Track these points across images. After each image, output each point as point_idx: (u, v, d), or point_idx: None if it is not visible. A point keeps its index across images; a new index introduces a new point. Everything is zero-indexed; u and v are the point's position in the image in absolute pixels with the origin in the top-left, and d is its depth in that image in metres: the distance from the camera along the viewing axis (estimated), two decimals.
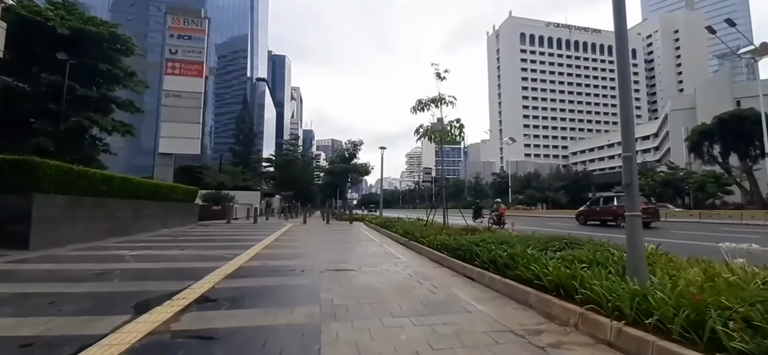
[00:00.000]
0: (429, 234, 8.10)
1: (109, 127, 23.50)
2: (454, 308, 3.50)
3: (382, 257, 7.01)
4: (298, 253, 7.62)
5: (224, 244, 9.09)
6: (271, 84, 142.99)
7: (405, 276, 5.13)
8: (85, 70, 23.95)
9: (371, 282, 4.67)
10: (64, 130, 22.21)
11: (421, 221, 13.81)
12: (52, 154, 18.01)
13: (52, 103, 22.95)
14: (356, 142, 30.65)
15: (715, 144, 38.99)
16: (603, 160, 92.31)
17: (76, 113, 22.89)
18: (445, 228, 9.34)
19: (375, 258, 6.92)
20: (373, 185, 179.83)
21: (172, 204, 15.16)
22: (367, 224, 18.00)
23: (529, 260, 4.05)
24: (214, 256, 6.85)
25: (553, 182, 67.17)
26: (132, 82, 26.01)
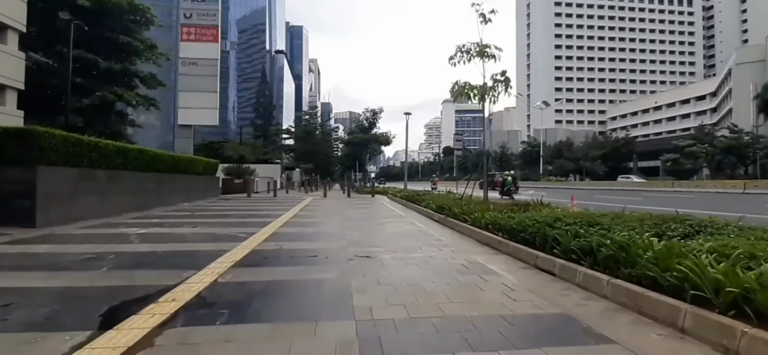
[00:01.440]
0: (471, 210, 6.99)
1: (134, 101, 23.33)
2: (573, 335, 2.33)
3: (419, 238, 5.99)
4: (319, 232, 6.73)
5: (240, 220, 8.35)
6: (289, 56, 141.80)
7: (458, 267, 4.08)
8: (106, 44, 23.63)
9: (417, 277, 3.65)
10: (90, 105, 22.22)
11: (452, 193, 12.71)
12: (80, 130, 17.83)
13: (78, 77, 22.95)
14: (376, 110, 29.29)
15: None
16: (647, 126, 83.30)
17: (101, 88, 22.79)
18: (486, 203, 8.19)
19: (410, 239, 5.91)
20: (391, 158, 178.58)
21: (193, 177, 14.69)
22: (391, 198, 17.05)
23: (666, 256, 2.81)
24: (226, 235, 6.06)
25: (588, 151, 62.30)
26: (153, 54, 25.56)
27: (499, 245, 5.04)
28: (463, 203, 8.30)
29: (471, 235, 6.17)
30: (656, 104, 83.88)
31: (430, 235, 6.37)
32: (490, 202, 8.58)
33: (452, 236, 6.32)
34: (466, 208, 7.48)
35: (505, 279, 3.61)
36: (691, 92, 77.94)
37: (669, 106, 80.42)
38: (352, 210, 11.22)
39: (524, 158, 64.09)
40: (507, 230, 5.09)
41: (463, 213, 7.14)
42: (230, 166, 23.96)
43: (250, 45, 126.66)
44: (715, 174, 39.80)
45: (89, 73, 23.09)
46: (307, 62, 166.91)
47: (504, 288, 3.32)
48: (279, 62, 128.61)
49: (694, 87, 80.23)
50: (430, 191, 13.00)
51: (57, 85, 22.06)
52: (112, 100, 22.43)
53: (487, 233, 5.60)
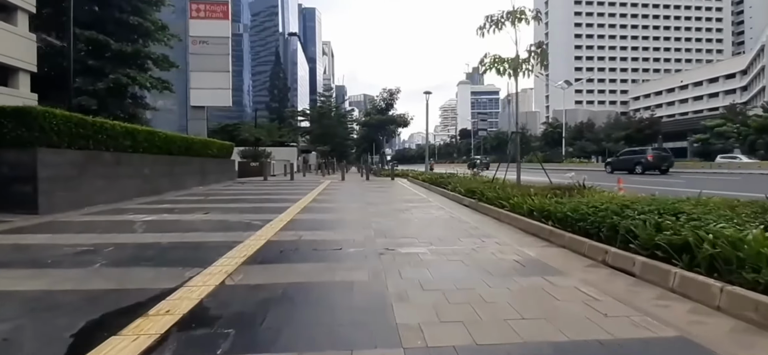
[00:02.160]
0: (509, 194, 6.22)
1: (148, 84, 23.08)
2: None
3: (453, 227, 5.29)
4: (341, 219, 6.09)
5: (256, 205, 7.81)
6: (303, 39, 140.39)
7: (511, 264, 3.36)
8: (117, 25, 23.31)
9: (467, 278, 2.96)
10: (104, 88, 22.07)
11: (474, 175, 11.91)
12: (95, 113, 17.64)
13: (91, 59, 22.79)
14: (393, 90, 28.25)
15: None
16: (672, 106, 79.93)
17: (113, 70, 22.58)
18: (523, 186, 7.38)
19: (444, 228, 5.22)
20: (406, 140, 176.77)
21: (208, 160, 14.30)
22: (412, 181, 16.33)
23: None
24: (239, 224, 5.49)
25: (611, 132, 59.88)
26: (164, 35, 25.14)
27: (551, 236, 4.27)
28: (495, 187, 7.51)
29: (512, 223, 5.42)
30: (682, 83, 79.92)
31: (464, 222, 5.65)
32: (528, 185, 7.77)
33: (491, 224, 5.58)
34: (501, 192, 6.70)
35: (577, 282, 2.87)
36: (719, 70, 74.12)
37: (696, 85, 77.03)
38: (373, 194, 10.57)
39: (545, 140, 62.05)
40: (559, 218, 4.31)
41: (500, 198, 6.37)
42: (246, 149, 23.64)
43: (264, 28, 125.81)
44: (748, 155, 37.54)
45: (101, 55, 22.87)
46: (320, 45, 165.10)
47: (583, 296, 2.58)
48: (292, 45, 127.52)
49: (723, 65, 75.98)
50: (453, 174, 12.18)
51: (69, 67, 21.98)
52: (126, 83, 22.21)
53: (531, 221, 4.84)
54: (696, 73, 78.88)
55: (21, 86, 19.65)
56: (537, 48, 8.16)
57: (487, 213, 6.46)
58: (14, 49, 18.68)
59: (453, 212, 6.84)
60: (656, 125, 61.03)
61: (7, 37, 18.66)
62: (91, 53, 22.82)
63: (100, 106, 21.89)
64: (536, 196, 5.74)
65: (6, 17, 19.13)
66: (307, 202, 8.32)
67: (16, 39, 19.20)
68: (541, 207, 4.85)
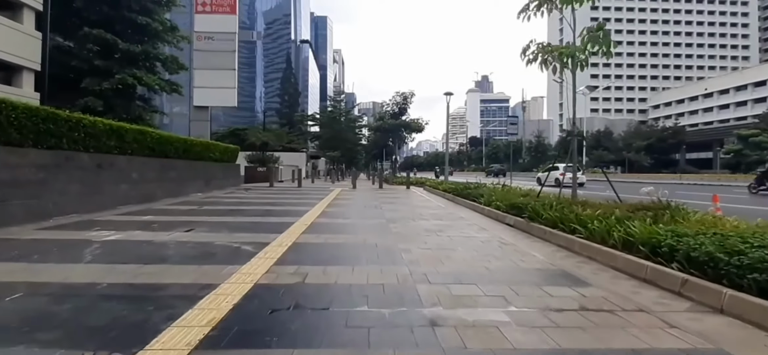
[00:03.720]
0: (576, 215, 4.75)
1: (156, 85, 22.27)
2: None
3: (518, 262, 3.84)
4: (360, 245, 4.68)
5: (253, 221, 6.47)
6: (314, 46, 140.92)
7: None
8: (125, 25, 22.64)
9: None
10: (110, 88, 21.32)
11: (504, 186, 10.36)
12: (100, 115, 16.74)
13: (98, 59, 22.11)
14: (407, 94, 26.82)
15: None
16: (695, 114, 76.23)
17: (120, 71, 21.84)
18: (579, 202, 5.89)
19: (507, 264, 3.76)
20: (414, 148, 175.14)
21: (210, 165, 13.13)
22: (430, 190, 14.88)
23: None
24: (225, 250, 4.14)
25: (632, 141, 57.45)
26: (174, 37, 24.42)
27: (687, 289, 2.78)
28: (548, 203, 6.02)
29: (595, 257, 3.94)
30: (706, 91, 76.14)
31: (529, 254, 4.19)
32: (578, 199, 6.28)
33: (567, 260, 4.10)
34: (564, 211, 5.22)
35: None
36: (748, 78, 70.13)
37: (721, 93, 73.05)
38: (391, 206, 9.17)
39: (564, 147, 59.73)
40: (698, 261, 2.81)
41: (564, 219, 4.90)
42: (253, 154, 22.58)
43: (279, 36, 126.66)
44: None
45: (110, 55, 22.16)
46: (331, 53, 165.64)
47: None
48: (304, 52, 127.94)
49: (752, 72, 71.81)
50: (481, 184, 10.68)
51: (77, 68, 21.28)
52: (132, 84, 21.39)
53: (637, 259, 3.35)
54: (721, 81, 75.37)
55: (24, 85, 18.95)
56: (596, 31, 6.69)
57: (548, 239, 4.99)
58: (19, 48, 18.00)
59: (502, 235, 5.38)
60: (680, 135, 58.30)
61: (13, 34, 18.01)
62: (98, 53, 22.16)
63: (106, 108, 21.10)
64: (620, 219, 4.26)
65: (12, 15, 18.53)
66: (315, 216, 6.96)
67: (21, 37, 18.53)
68: (650, 238, 3.37)
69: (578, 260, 4.04)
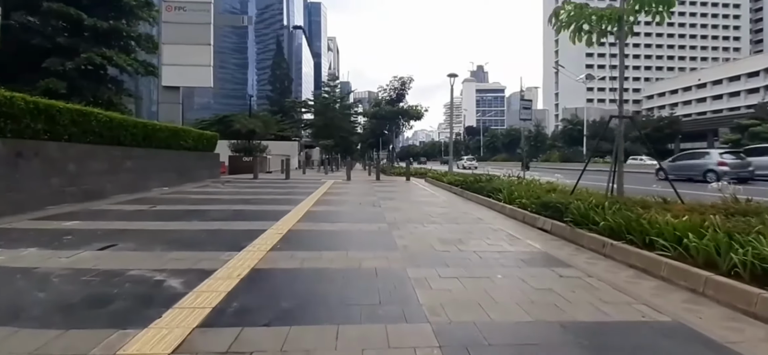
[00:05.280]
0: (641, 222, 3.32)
1: (129, 66, 20.19)
2: None
3: (632, 320, 2.32)
4: (352, 273, 3.15)
5: (211, 228, 4.87)
6: (308, 33, 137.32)
7: None
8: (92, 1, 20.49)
9: None
10: (74, 68, 19.30)
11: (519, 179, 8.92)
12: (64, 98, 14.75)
13: (62, 37, 20.05)
14: (405, 79, 25.07)
15: None
16: (689, 105, 75.92)
17: (87, 49, 19.79)
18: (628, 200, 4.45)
19: (618, 328, 2.25)
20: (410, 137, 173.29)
21: (181, 154, 11.45)
22: (434, 183, 13.37)
23: None
24: (138, 287, 2.58)
25: (628, 131, 56.51)
26: (149, 13, 22.25)
27: None
28: (593, 202, 4.55)
29: (716, 294, 2.46)
30: (700, 81, 76.03)
31: (608, 290, 2.68)
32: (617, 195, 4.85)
33: (671, 294, 2.61)
34: (628, 214, 3.76)
35: None
36: (742, 68, 70.10)
37: (715, 83, 73.13)
38: (391, 203, 7.63)
39: (564, 138, 59.06)
40: None
41: (633, 227, 3.44)
42: (237, 143, 20.84)
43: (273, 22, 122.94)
44: None
45: (77, 32, 20.07)
46: (325, 41, 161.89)
47: None
48: (297, 39, 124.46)
49: (746, 62, 71.84)
50: (494, 177, 9.20)
51: (39, 46, 19.18)
52: (102, 64, 19.35)
53: None
54: (715, 71, 75.45)
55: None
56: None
57: (611, 256, 3.50)
58: None
59: (546, 249, 3.87)
60: (676, 125, 57.55)
61: None
62: (62, 30, 20.07)
63: (71, 91, 19.07)
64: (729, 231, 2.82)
65: None
66: (296, 220, 5.39)
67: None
68: None
69: (688, 297, 2.55)
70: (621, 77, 5.96)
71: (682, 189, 6.06)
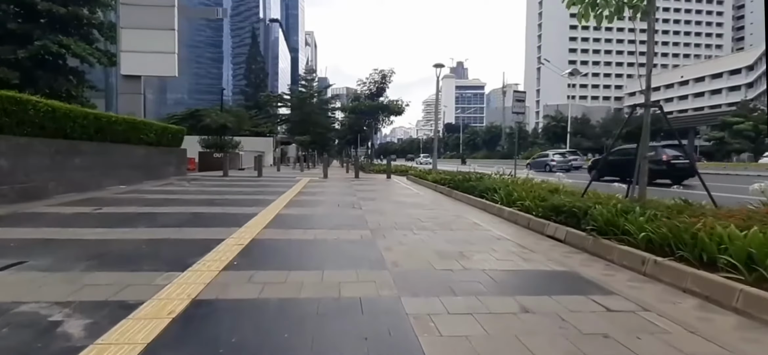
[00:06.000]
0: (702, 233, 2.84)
1: (89, 55, 18.54)
2: None
3: None
4: (328, 306, 2.50)
5: (159, 238, 4.07)
6: (285, 27, 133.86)
7: None
8: None
9: None
10: (28, 57, 17.63)
11: (512, 177, 8.54)
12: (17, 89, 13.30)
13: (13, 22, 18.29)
14: (386, 72, 24.26)
15: None
16: (671, 102, 76.18)
17: (43, 36, 18.12)
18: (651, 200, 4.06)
19: None
20: (388, 135, 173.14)
21: (141, 149, 10.41)
22: (416, 181, 12.87)
23: None
24: (13, 335, 1.84)
25: (611, 128, 57.96)
26: None
27: None
28: (614, 206, 4.09)
29: None
30: (682, 79, 77.09)
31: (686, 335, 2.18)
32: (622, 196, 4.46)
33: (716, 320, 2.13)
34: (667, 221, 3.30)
35: None
36: (723, 65, 71.01)
37: (697, 81, 74.26)
38: (373, 204, 7.03)
39: (546, 134, 59.71)
40: None
41: (681, 239, 2.97)
42: (207, 138, 19.68)
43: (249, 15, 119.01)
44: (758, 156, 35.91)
45: (30, 17, 18.32)
46: (303, 35, 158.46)
47: None
48: (274, 33, 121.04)
49: (727, 60, 72.87)
50: (484, 176, 8.76)
51: None
52: (59, 53, 17.70)
53: None
54: (697, 69, 76.09)
55: None
56: None
57: (653, 276, 2.98)
58: None
59: (574, 267, 3.35)
60: (659, 122, 59.28)
61: None
62: (13, 15, 18.28)
63: (24, 81, 17.41)
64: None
65: None
66: (263, 225, 4.70)
67: None
68: None
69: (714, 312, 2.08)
70: (650, 56, 5.30)
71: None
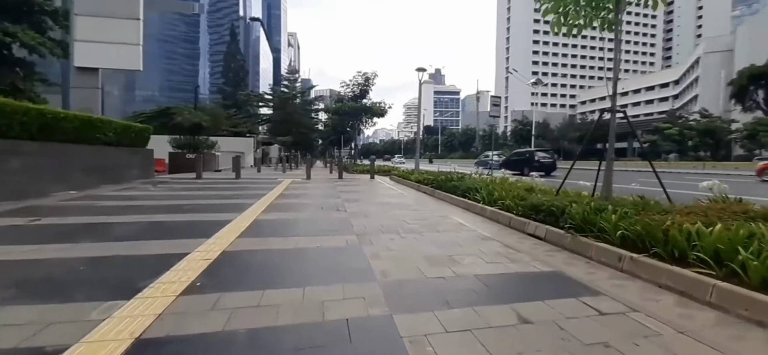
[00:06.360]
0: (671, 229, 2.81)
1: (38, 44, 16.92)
2: None
3: None
4: (324, 336, 1.95)
5: (102, 253, 3.36)
6: (267, 27, 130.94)
7: None
8: None
9: None
10: None
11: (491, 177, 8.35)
12: None
13: None
14: (369, 75, 23.89)
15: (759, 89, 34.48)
16: None
17: None
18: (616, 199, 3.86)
19: None
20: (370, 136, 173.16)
21: (98, 150, 9.38)
22: (398, 181, 12.40)
23: None
24: None
25: (567, 132, 62.68)
26: None
27: None
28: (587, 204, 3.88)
29: None
30: (623, 90, 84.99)
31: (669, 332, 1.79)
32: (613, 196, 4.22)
33: (696, 316, 1.78)
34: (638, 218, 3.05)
35: None
36: (656, 80, 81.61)
37: (635, 92, 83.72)
38: (358, 205, 6.46)
39: (514, 138, 63.55)
40: None
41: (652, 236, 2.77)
42: (179, 138, 18.48)
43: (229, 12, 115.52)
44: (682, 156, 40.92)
45: None
46: (285, 36, 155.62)
47: None
48: (255, 31, 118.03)
49: (659, 75, 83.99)
50: (465, 176, 8.47)
51: None
52: (5, 41, 16.08)
53: None
54: (635, 81, 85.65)
55: None
56: None
57: (632, 272, 2.79)
58: None
59: (554, 264, 2.94)
60: (605, 128, 63.47)
61: None
62: None
63: None
64: None
65: None
66: (237, 233, 4.05)
67: None
68: None
69: None
70: (616, 65, 5.36)
71: None
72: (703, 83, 61.54)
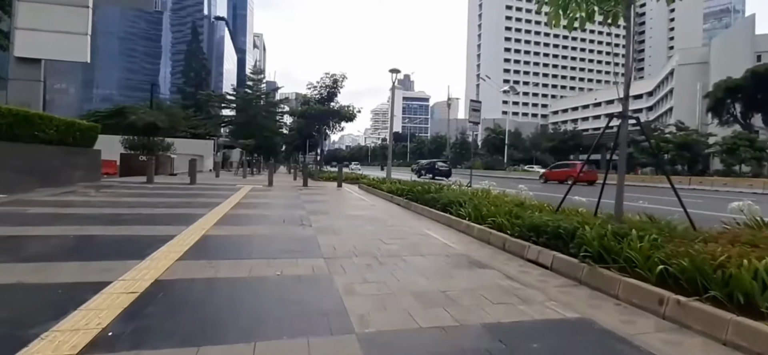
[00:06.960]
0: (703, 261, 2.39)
1: None
2: None
3: None
4: None
5: None
6: (232, 27, 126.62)
7: None
8: None
9: None
10: None
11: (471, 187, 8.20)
12: None
13: None
14: (337, 77, 23.38)
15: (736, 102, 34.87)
16: (587, 121, 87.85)
17: None
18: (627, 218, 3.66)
19: None
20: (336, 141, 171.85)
21: (36, 149, 8.28)
22: (367, 190, 12.06)
23: None
24: None
25: (539, 142, 63.79)
26: None
27: None
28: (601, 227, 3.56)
29: None
30: (596, 101, 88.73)
31: None
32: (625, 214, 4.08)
33: None
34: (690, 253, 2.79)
35: None
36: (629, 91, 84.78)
37: (607, 103, 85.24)
38: (326, 219, 6.02)
39: (487, 146, 63.81)
40: None
41: (707, 277, 2.43)
42: (131, 139, 17.05)
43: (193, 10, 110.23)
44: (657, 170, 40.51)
45: None
46: (251, 37, 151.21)
47: None
48: (219, 31, 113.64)
49: (632, 86, 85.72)
50: (443, 188, 8.21)
51: None
52: None
53: None
54: (608, 92, 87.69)
55: None
56: None
57: (676, 321, 2.40)
58: None
59: (582, 309, 2.68)
60: (578, 138, 66.27)
61: None
62: None
63: None
64: None
65: None
66: (177, 255, 3.49)
67: None
68: None
69: None
70: (628, 64, 5.03)
71: None
72: (678, 95, 61.08)
